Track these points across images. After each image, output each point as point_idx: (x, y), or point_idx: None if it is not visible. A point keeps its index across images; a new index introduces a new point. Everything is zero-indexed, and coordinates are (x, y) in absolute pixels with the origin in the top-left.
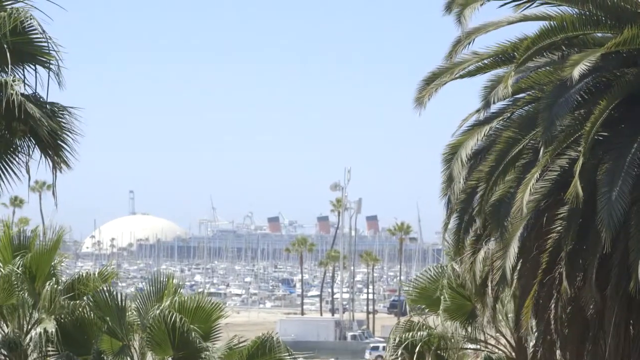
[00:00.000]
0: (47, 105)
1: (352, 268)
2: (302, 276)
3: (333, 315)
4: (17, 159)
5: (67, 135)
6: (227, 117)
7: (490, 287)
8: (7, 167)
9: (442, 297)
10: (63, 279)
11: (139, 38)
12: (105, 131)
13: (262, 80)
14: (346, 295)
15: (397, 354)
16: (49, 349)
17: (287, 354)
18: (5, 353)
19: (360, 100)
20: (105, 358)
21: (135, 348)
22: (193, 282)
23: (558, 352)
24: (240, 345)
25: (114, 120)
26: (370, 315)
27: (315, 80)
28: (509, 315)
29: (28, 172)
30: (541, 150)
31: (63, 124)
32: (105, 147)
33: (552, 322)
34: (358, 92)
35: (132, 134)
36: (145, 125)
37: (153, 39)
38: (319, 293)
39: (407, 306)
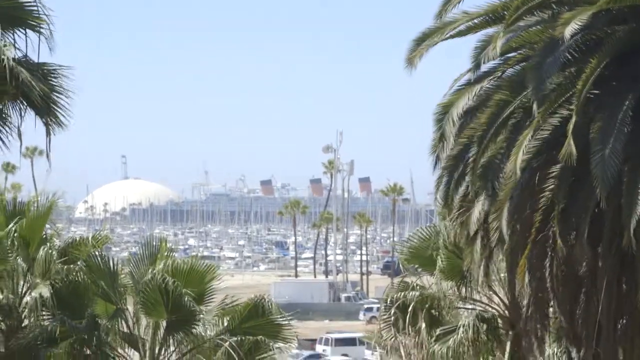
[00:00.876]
0: (39, 67)
1: (345, 230)
2: (295, 239)
3: (327, 277)
4: (8, 124)
5: (60, 97)
6: (218, 82)
7: (479, 245)
8: None
9: (438, 257)
10: (57, 243)
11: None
12: (96, 95)
13: (254, 46)
14: (340, 257)
15: (390, 314)
16: (44, 313)
17: (280, 315)
18: (0, 318)
19: (351, 62)
20: (99, 321)
21: (129, 311)
22: (187, 246)
23: (551, 309)
24: (233, 306)
25: (105, 84)
26: (364, 277)
27: (306, 42)
28: (502, 275)
29: (20, 137)
30: (534, 109)
31: (55, 86)
32: (96, 111)
33: (546, 281)
34: (349, 54)
35: (124, 98)
36: (137, 89)
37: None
38: (312, 255)
39: (400, 266)
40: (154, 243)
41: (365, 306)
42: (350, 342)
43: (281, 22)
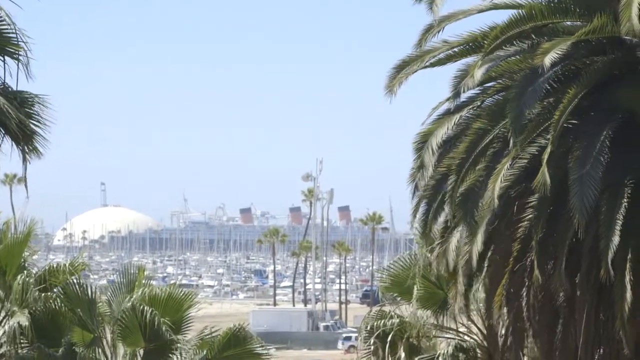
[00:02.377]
0: (17, 95)
1: (324, 258)
2: (274, 267)
3: (305, 305)
4: None
5: (37, 125)
6: (197, 110)
7: (461, 275)
8: None
9: (414, 286)
10: (34, 271)
11: (108, 31)
12: (75, 122)
13: (232, 74)
14: (318, 286)
15: (369, 343)
16: (22, 341)
17: (258, 344)
18: None
19: (331, 90)
20: (76, 350)
21: (106, 340)
22: (165, 274)
23: (529, 339)
24: (212, 335)
25: (84, 111)
26: (343, 306)
27: (286, 71)
28: (480, 304)
29: None
30: (511, 140)
31: (33, 114)
32: (75, 139)
33: (523, 310)
34: (329, 82)
35: (103, 125)
36: (116, 117)
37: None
38: (291, 284)
39: (379, 295)
40: (132, 271)
41: (344, 335)
42: None
43: (261, 50)
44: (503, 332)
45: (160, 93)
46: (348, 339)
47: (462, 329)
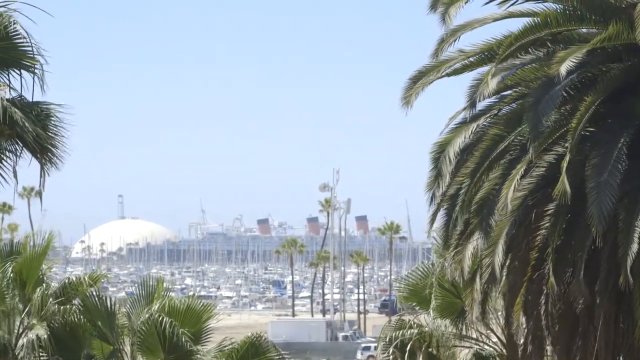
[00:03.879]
0: (34, 107)
1: (342, 268)
2: (292, 277)
3: (324, 316)
4: (4, 163)
5: (55, 137)
6: (214, 122)
7: (479, 284)
8: None
9: (432, 295)
10: (53, 284)
11: (122, 39)
12: (93, 134)
13: (251, 81)
14: (337, 296)
15: (388, 353)
16: (41, 353)
17: (277, 353)
18: None
19: (348, 100)
20: None
21: (126, 352)
22: (184, 286)
23: (549, 348)
24: (232, 347)
25: (101, 122)
26: (362, 316)
27: (304, 80)
28: (499, 313)
29: (15, 176)
30: (530, 148)
31: (50, 126)
32: (93, 151)
33: (542, 319)
34: (346, 92)
35: (120, 137)
36: (133, 128)
37: (138, 40)
38: (309, 294)
39: (397, 304)
40: (151, 283)
41: (363, 345)
42: None
43: (278, 57)
44: (522, 340)
45: (178, 106)
46: (367, 349)
47: (482, 338)
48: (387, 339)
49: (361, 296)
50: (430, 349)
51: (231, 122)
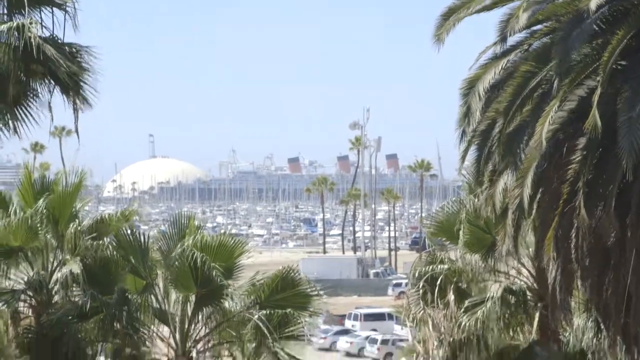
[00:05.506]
0: (66, 47)
1: (373, 206)
2: (323, 215)
3: (355, 253)
4: (36, 103)
5: (87, 75)
6: (246, 58)
7: (510, 217)
8: (26, 111)
9: (461, 231)
10: (86, 221)
11: None
12: (124, 75)
13: (282, 19)
14: (368, 234)
15: (418, 287)
16: (74, 289)
17: (308, 286)
18: (31, 294)
19: (379, 38)
20: (129, 297)
21: (159, 286)
22: (215, 224)
23: (579, 281)
24: (264, 281)
25: (132, 63)
26: (392, 253)
27: (334, 19)
28: (529, 248)
29: (50, 110)
30: (555, 83)
31: (82, 65)
32: (124, 91)
33: (573, 252)
34: (376, 30)
35: (151, 78)
36: (165, 69)
37: None
38: (340, 232)
39: (427, 241)
40: (183, 220)
41: (394, 282)
42: (379, 317)
43: (304, 5)
44: (553, 274)
45: (210, 48)
46: (398, 285)
47: (512, 272)
48: (417, 275)
49: (392, 233)
50: (459, 284)
51: (261, 62)
